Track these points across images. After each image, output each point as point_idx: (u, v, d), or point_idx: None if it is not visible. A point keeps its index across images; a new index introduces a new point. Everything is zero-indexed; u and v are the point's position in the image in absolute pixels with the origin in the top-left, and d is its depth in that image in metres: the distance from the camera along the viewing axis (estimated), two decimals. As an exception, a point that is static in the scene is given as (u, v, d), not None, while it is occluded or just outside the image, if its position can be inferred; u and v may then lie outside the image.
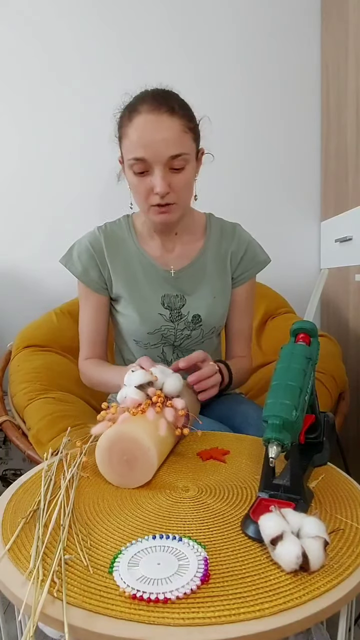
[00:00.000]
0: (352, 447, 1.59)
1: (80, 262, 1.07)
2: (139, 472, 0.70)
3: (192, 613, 0.45)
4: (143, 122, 0.90)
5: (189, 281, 1.08)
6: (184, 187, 0.95)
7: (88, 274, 1.07)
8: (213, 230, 1.12)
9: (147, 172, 0.93)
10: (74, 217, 1.78)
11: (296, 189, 1.89)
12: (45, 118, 1.77)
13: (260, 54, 1.81)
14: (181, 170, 0.93)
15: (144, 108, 0.90)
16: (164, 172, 0.92)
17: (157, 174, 0.91)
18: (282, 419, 0.59)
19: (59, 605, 0.46)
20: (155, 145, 0.90)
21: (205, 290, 1.08)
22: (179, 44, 1.79)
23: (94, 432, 0.75)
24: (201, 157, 1.02)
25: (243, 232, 1.13)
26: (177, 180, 0.94)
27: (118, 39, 1.77)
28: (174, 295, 1.07)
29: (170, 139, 0.90)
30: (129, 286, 1.07)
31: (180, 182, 0.94)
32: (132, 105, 0.93)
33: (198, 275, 1.09)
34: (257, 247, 1.14)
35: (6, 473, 1.78)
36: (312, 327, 0.72)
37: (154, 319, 1.07)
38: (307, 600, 0.47)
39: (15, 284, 1.83)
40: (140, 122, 0.90)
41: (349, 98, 1.57)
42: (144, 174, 0.93)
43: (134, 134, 0.91)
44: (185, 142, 0.92)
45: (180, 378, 0.83)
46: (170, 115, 0.90)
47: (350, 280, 1.62)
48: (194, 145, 0.96)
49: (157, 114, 0.89)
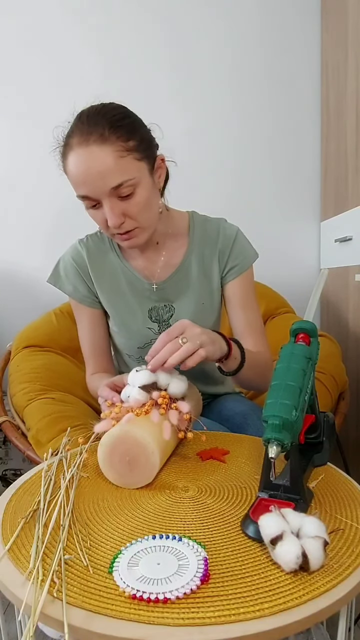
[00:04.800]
0: (352, 447, 1.59)
1: (68, 279, 1.05)
2: (139, 474, 0.70)
3: (192, 613, 0.45)
4: (75, 158, 0.84)
5: (174, 290, 1.04)
6: (140, 211, 0.88)
7: (78, 291, 1.04)
8: (196, 231, 1.05)
9: (98, 204, 0.87)
10: (73, 217, 1.77)
11: (296, 189, 1.89)
12: (47, 121, 1.77)
13: (260, 54, 1.82)
14: (131, 196, 0.86)
15: (74, 141, 0.84)
16: (112, 203, 0.85)
17: (105, 207, 0.86)
18: (282, 419, 0.59)
19: (58, 605, 0.46)
20: (91, 181, 0.83)
21: (193, 297, 1.04)
22: (178, 44, 1.79)
23: (97, 430, 0.75)
24: (161, 167, 0.95)
25: (228, 228, 1.06)
26: (130, 207, 0.87)
27: (115, 42, 1.77)
28: (161, 306, 1.04)
29: (104, 171, 0.82)
30: (114, 301, 1.04)
31: (134, 209, 0.87)
32: (66, 137, 0.87)
33: (183, 283, 1.04)
34: (245, 241, 1.06)
35: (6, 473, 1.78)
36: (312, 327, 0.72)
37: (142, 333, 1.03)
38: (307, 600, 0.47)
39: (15, 284, 1.83)
40: (73, 159, 0.84)
41: (349, 98, 1.57)
42: (96, 207, 0.88)
43: (70, 173, 0.86)
44: (125, 168, 0.83)
45: (185, 380, 0.83)
46: (101, 144, 0.82)
47: (350, 280, 1.62)
48: (141, 164, 0.87)
49: (85, 146, 0.82)
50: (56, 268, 1.07)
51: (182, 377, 0.83)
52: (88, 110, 0.88)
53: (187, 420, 0.78)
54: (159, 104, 1.72)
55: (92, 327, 1.08)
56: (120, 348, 1.11)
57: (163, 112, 1.78)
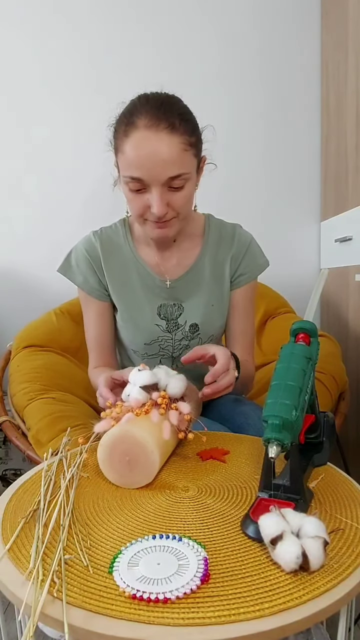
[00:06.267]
0: (352, 447, 1.59)
1: (79, 270, 1.04)
2: (139, 474, 0.70)
3: (192, 613, 0.45)
4: (140, 139, 0.83)
5: (185, 290, 1.05)
6: (183, 205, 0.91)
7: (88, 282, 1.04)
8: (212, 233, 1.08)
9: (143, 189, 0.87)
10: (73, 217, 1.78)
11: (296, 189, 1.89)
12: (48, 121, 1.77)
13: (260, 54, 1.82)
14: (180, 189, 0.88)
15: (142, 122, 0.83)
16: (161, 191, 0.86)
17: (154, 195, 0.86)
18: (282, 419, 0.59)
19: (58, 605, 0.46)
20: (153, 167, 0.83)
21: (203, 298, 1.05)
22: (178, 45, 1.79)
23: (97, 430, 0.75)
24: (203, 167, 0.97)
25: (243, 234, 1.09)
26: (176, 199, 0.89)
27: (113, 39, 1.77)
28: (170, 304, 1.04)
29: (169, 160, 0.83)
30: (124, 295, 1.04)
31: (180, 200, 0.89)
32: (130, 116, 0.86)
33: (195, 283, 1.05)
34: (257, 249, 1.10)
35: (6, 473, 1.78)
36: (311, 327, 0.72)
37: (150, 330, 1.04)
38: (307, 600, 0.47)
39: (15, 284, 1.83)
40: (137, 139, 0.83)
41: (349, 98, 1.57)
42: (140, 191, 0.88)
43: (130, 152, 0.85)
44: (185, 161, 0.86)
45: (184, 379, 0.83)
46: (170, 133, 0.83)
47: (350, 280, 1.62)
48: (195, 161, 0.91)
49: (155, 130, 0.82)
50: (67, 258, 1.07)
51: (182, 376, 0.83)
52: (155, 97, 0.88)
53: (187, 421, 0.78)
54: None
55: (98, 320, 1.07)
56: (125, 343, 1.10)
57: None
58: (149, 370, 0.81)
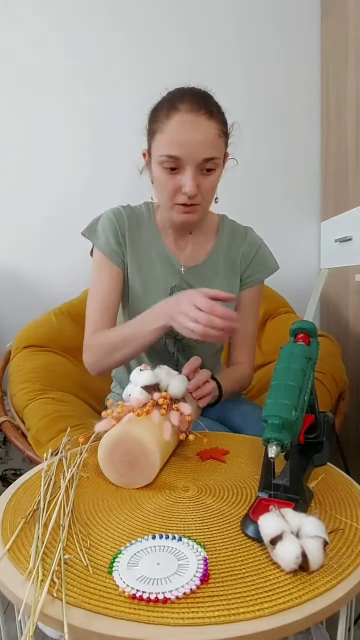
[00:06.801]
0: (352, 447, 1.59)
1: (103, 233, 1.05)
2: (139, 475, 0.70)
3: (192, 613, 0.45)
4: (182, 120, 0.90)
5: (199, 279, 1.07)
6: (211, 189, 0.97)
7: (110, 244, 1.05)
8: (225, 232, 1.11)
9: (177, 170, 0.92)
10: (73, 217, 1.78)
11: (296, 189, 1.89)
12: (46, 118, 1.77)
13: (260, 54, 1.82)
14: (211, 172, 0.94)
15: (184, 107, 0.90)
16: (195, 172, 0.92)
17: (188, 174, 0.91)
18: (281, 419, 0.59)
19: (58, 605, 0.46)
20: (191, 146, 0.90)
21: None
22: (177, 45, 1.79)
23: (97, 429, 0.75)
24: (226, 161, 1.02)
25: (255, 236, 1.13)
26: (205, 183, 0.94)
27: (121, 38, 1.77)
28: (182, 288, 1.06)
29: (206, 141, 0.90)
30: (142, 269, 1.06)
31: (209, 185, 0.95)
32: (172, 102, 0.93)
33: (207, 276, 1.08)
34: (267, 252, 1.13)
35: (6, 473, 1.78)
36: (311, 327, 0.72)
37: None
38: (307, 600, 0.47)
39: (15, 284, 1.83)
40: (178, 121, 0.90)
41: (349, 98, 1.57)
42: (174, 172, 0.93)
43: (171, 131, 0.91)
44: (218, 146, 0.93)
45: (185, 380, 0.83)
46: (209, 118, 0.91)
47: (350, 280, 1.62)
48: (224, 150, 0.97)
49: (195, 114, 0.90)
50: (94, 222, 1.08)
51: (183, 377, 0.83)
52: (194, 89, 0.97)
53: (187, 422, 0.78)
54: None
55: (111, 283, 1.05)
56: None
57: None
58: (150, 371, 0.81)
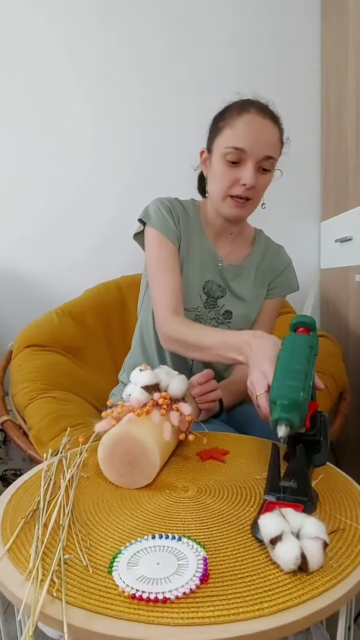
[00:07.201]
0: (352, 447, 1.58)
1: (159, 213, 1.08)
2: (139, 475, 0.70)
3: (192, 613, 0.45)
4: (251, 119, 0.99)
5: (233, 278, 1.13)
6: (263, 188, 1.04)
7: (168, 224, 1.07)
8: (261, 243, 1.19)
9: (237, 163, 0.99)
10: (74, 217, 1.79)
11: (296, 189, 1.89)
12: (45, 118, 1.77)
13: (260, 55, 1.82)
14: (266, 173, 1.02)
15: (253, 109, 1.00)
16: (254, 168, 0.99)
17: (249, 167, 0.99)
18: (290, 399, 0.59)
19: (58, 605, 0.46)
20: (257, 141, 0.98)
21: (245, 293, 1.13)
22: (178, 45, 1.79)
23: (97, 429, 0.75)
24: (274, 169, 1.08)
25: (286, 255, 1.21)
26: (260, 180, 1.02)
27: (118, 45, 1.77)
28: (217, 284, 1.12)
29: (270, 140, 1.00)
30: (188, 252, 1.10)
31: (263, 183, 1.03)
32: (242, 105, 1.02)
33: (241, 278, 1.14)
34: (294, 272, 1.21)
35: (6, 473, 1.78)
36: (310, 321, 0.73)
37: (192, 297, 1.10)
38: (307, 599, 0.47)
39: (16, 284, 1.83)
40: (249, 118, 0.99)
41: (349, 98, 1.57)
42: (235, 165, 1.00)
43: (241, 126, 0.98)
44: (277, 149, 1.03)
45: (185, 380, 0.83)
46: (274, 123, 1.01)
47: (350, 280, 1.62)
48: (279, 156, 1.05)
49: (262, 116, 0.99)
50: (146, 209, 1.10)
51: (183, 377, 0.83)
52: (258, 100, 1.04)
53: (187, 422, 0.78)
54: (159, 104, 1.73)
55: (175, 264, 1.07)
56: None
57: (164, 111, 1.78)
58: (150, 371, 0.81)
